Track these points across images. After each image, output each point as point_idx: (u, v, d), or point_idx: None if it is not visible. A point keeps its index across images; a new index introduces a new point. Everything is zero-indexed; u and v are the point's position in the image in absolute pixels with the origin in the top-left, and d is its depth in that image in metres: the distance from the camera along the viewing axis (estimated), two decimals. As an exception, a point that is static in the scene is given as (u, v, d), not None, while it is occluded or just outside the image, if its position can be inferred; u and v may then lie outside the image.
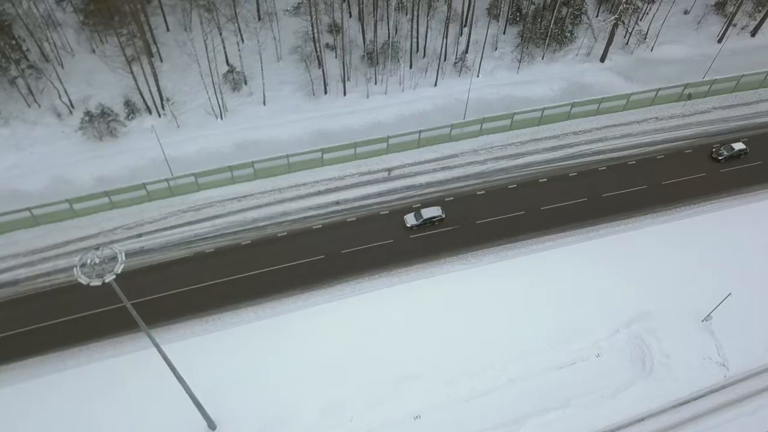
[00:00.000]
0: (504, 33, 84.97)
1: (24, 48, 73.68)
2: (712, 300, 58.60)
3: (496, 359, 57.06)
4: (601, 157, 73.79)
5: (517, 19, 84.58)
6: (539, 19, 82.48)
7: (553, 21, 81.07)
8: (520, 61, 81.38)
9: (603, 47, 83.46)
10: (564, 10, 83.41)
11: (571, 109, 75.81)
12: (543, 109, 74.62)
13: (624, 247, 65.32)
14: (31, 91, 72.25)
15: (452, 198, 68.62)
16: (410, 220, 65.25)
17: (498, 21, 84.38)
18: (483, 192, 69.40)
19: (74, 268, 34.58)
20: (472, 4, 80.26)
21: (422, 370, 56.04)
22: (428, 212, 65.10)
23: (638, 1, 78.74)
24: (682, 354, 58.16)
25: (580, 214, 68.33)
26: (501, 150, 73.84)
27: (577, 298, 61.07)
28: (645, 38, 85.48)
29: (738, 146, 73.16)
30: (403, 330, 58.36)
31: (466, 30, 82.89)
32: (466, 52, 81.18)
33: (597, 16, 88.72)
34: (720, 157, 72.86)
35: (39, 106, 73.01)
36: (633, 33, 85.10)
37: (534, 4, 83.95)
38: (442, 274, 62.79)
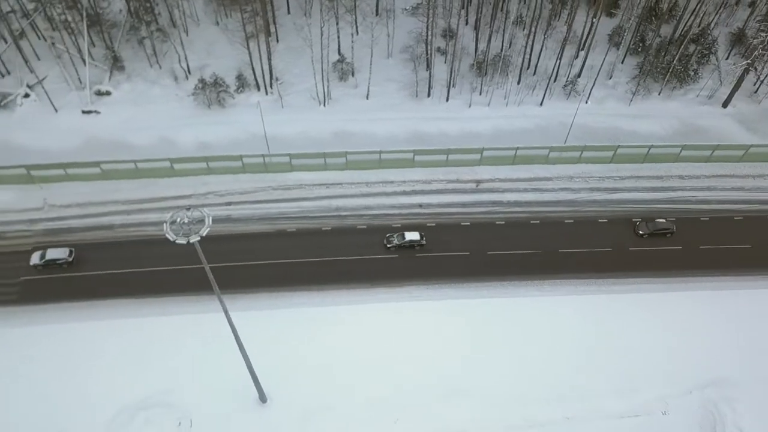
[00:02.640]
0: (622, 62, 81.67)
1: (156, 12, 78.46)
2: (804, 380, 53.80)
3: (555, 393, 54.97)
4: (706, 206, 69.34)
5: (639, 50, 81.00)
6: (663, 53, 78.61)
7: (677, 57, 77.03)
8: (634, 94, 77.93)
9: (728, 92, 78.40)
10: (691, 48, 79.07)
11: (680, 151, 71.74)
12: (650, 147, 71.08)
13: (715, 304, 60.99)
14: (155, 53, 76.86)
15: (538, 221, 66.75)
16: (35, 258, 60.51)
17: (618, 49, 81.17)
18: (571, 221, 67.04)
19: (164, 224, 36.29)
20: (593, 28, 77.66)
21: (474, 388, 54.92)
22: (54, 253, 60.63)
23: (776, 49, 73.40)
24: (759, 430, 53.64)
25: (671, 261, 64.57)
26: (598, 181, 71.05)
27: (653, 348, 57.78)
28: (777, 89, 79.54)
29: (411, 236, 62.56)
30: (463, 344, 57.43)
31: (582, 53, 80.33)
32: (579, 76, 78.65)
33: (727, 58, 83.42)
34: (389, 245, 62.95)
35: (160, 67, 77.56)
36: (765, 81, 79.37)
37: (660, 36, 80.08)
38: (516, 297, 61.18)
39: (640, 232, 65.61)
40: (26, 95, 73.85)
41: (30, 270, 60.74)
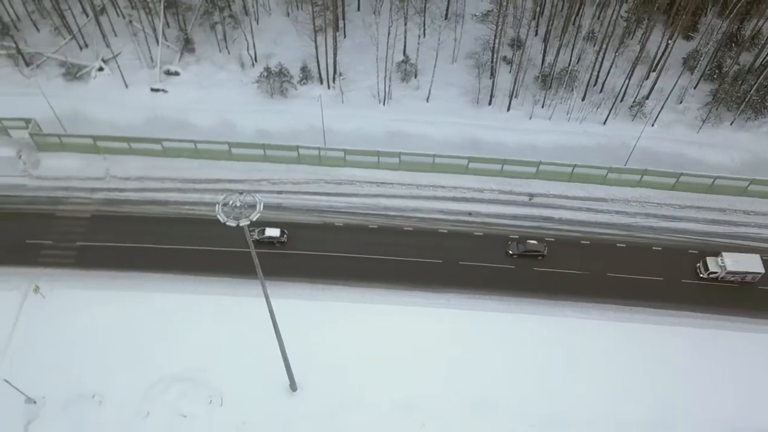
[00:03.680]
0: (695, 87, 78.69)
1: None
2: None
3: (585, 417, 53.90)
4: (771, 245, 66.27)
5: (714, 76, 77.84)
6: (740, 82, 75.37)
7: (755, 87, 73.71)
8: (704, 121, 74.97)
9: (807, 128, 74.56)
10: (771, 78, 75.49)
11: (748, 186, 68.66)
12: (715, 178, 68.32)
13: (768, 350, 58.49)
14: (225, 38, 78.70)
15: (588, 242, 65.12)
16: None
17: (692, 74, 78.26)
18: (623, 245, 65.14)
19: (217, 205, 37.12)
20: (668, 50, 75.10)
21: (503, 401, 54.45)
22: None
23: None
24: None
25: (728, 299, 61.99)
26: (656, 208, 68.77)
27: (696, 387, 55.95)
28: None
29: (271, 232, 62.08)
30: (496, 356, 56.94)
31: (653, 75, 77.81)
32: (647, 98, 76.22)
33: (809, 93, 79.13)
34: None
35: (228, 53, 79.38)
36: None
37: (738, 64, 76.82)
38: (558, 316, 60.18)
39: (510, 251, 63.68)
40: (100, 69, 76.82)
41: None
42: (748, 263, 61.29)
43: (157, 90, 75.77)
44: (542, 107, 75.84)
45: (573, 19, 79.30)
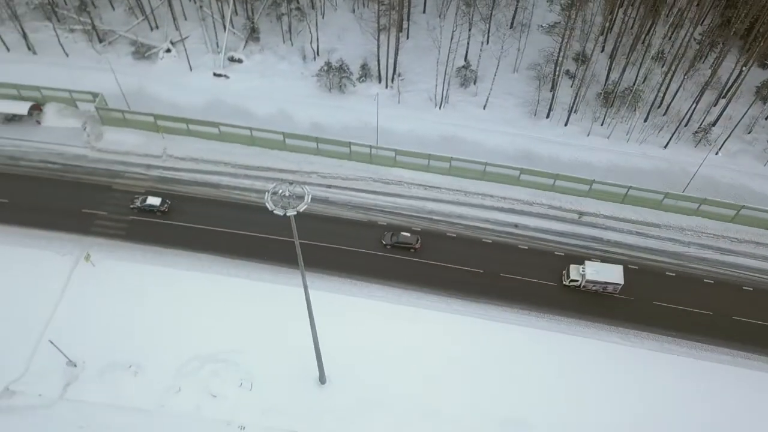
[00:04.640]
0: (767, 119, 75.41)
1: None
2: None
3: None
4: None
5: (789, 108, 74.51)
6: (815, 117, 71.89)
7: (831, 123, 70.17)
8: (772, 154, 71.84)
9: None
10: None
11: (814, 226, 65.45)
12: (779, 214, 65.39)
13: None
14: (290, 30, 79.87)
15: (636, 267, 63.15)
16: None
17: (764, 103, 75.02)
18: (673, 274, 62.99)
19: (266, 193, 37.65)
20: (741, 77, 72.19)
21: (536, 421, 53.52)
22: None
23: None
24: None
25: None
26: (711, 239, 66.20)
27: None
28: None
29: (152, 200, 64.61)
30: (529, 374, 56.13)
31: (722, 102, 74.94)
32: (714, 124, 73.50)
33: None
34: (132, 206, 64.68)
35: (292, 44, 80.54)
36: None
37: (816, 98, 73.25)
38: (594, 338, 58.83)
39: (384, 242, 63.65)
40: (168, 50, 79.12)
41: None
42: (607, 273, 60.05)
43: (219, 75, 77.51)
44: (601, 125, 74.07)
45: (643, 37, 77.16)
